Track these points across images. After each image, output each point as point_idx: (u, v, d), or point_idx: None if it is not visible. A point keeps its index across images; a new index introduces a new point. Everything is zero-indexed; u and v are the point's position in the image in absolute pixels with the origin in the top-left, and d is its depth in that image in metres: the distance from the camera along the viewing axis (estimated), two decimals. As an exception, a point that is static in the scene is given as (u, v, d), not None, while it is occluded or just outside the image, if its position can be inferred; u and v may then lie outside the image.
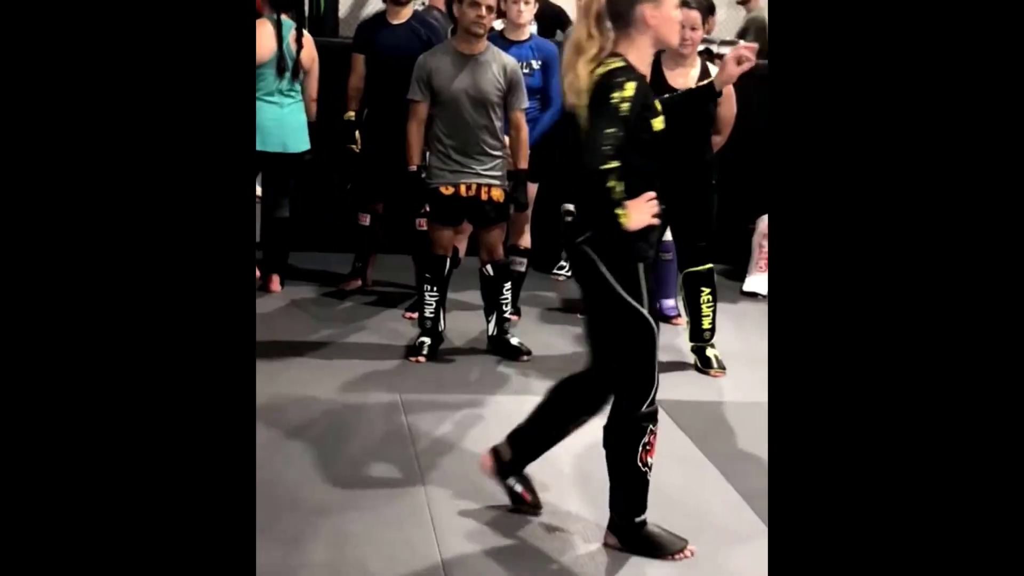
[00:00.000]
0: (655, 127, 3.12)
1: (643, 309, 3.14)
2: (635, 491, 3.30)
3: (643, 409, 3.20)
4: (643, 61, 3.13)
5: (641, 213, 3.07)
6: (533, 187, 5.55)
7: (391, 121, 5.22)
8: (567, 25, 7.18)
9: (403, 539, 3.34)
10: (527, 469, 3.53)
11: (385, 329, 5.47)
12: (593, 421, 3.36)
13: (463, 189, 4.91)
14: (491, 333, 5.19)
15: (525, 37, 5.51)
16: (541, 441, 3.48)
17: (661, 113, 3.15)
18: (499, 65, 4.89)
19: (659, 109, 3.15)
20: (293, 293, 5.96)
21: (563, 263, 6.61)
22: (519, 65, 5.04)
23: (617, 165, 2.97)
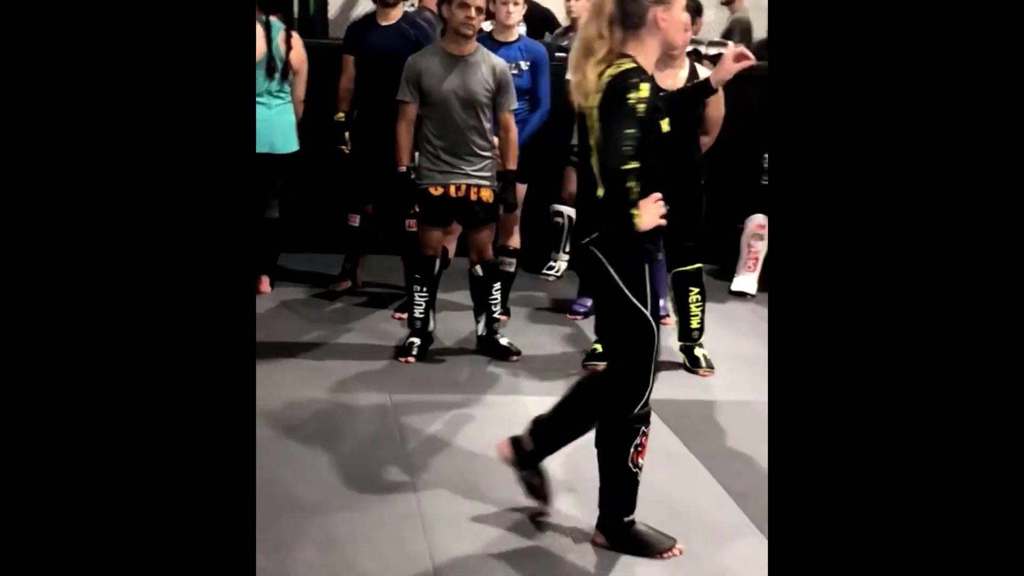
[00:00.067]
0: (663, 128, 3.14)
1: (646, 311, 3.15)
2: (625, 491, 3.31)
3: (636, 410, 3.22)
4: (650, 62, 3.15)
5: (651, 214, 3.09)
6: (522, 188, 5.57)
7: (381, 122, 5.23)
8: (555, 27, 7.20)
9: (394, 539, 3.35)
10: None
11: (375, 330, 5.48)
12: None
13: (452, 190, 4.92)
14: (481, 333, 5.21)
15: (514, 38, 5.53)
16: (562, 435, 3.47)
17: (667, 114, 3.17)
18: (488, 66, 4.90)
19: (665, 110, 3.17)
20: (283, 294, 5.96)
21: (552, 263, 6.63)
22: (508, 66, 5.05)
23: (637, 166, 2.99)
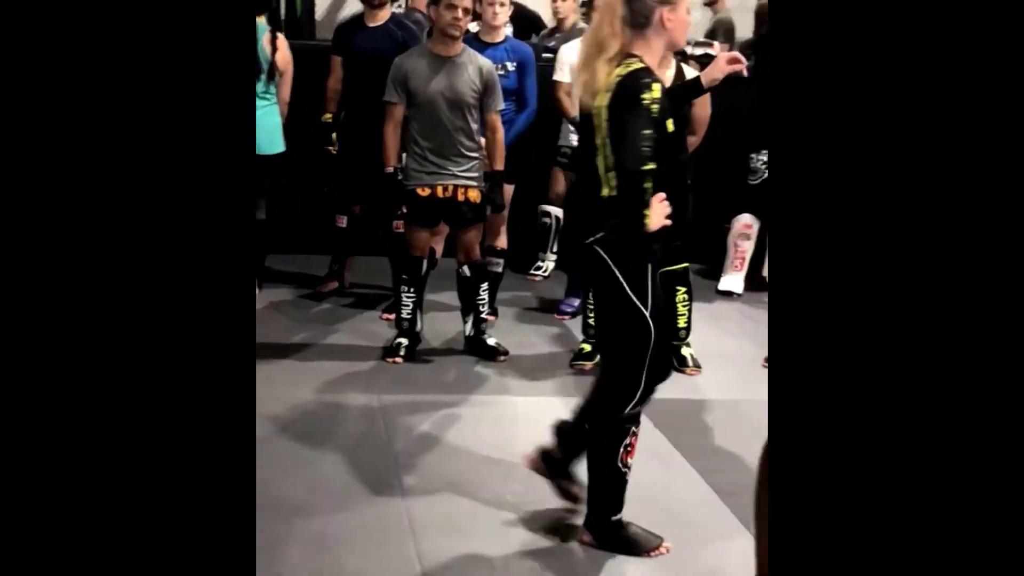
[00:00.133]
0: (669, 127, 3.14)
1: (646, 312, 3.16)
2: (613, 490, 3.32)
3: (627, 410, 3.23)
4: (655, 62, 3.16)
5: (659, 213, 3.11)
6: (509, 188, 5.57)
7: (368, 123, 5.23)
8: (542, 28, 7.21)
9: (381, 539, 3.36)
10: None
11: (362, 330, 5.48)
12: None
13: (440, 190, 4.93)
14: (468, 334, 5.21)
15: (500, 39, 5.54)
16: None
17: (671, 114, 3.18)
18: (475, 67, 4.91)
19: (670, 110, 3.18)
20: (270, 295, 5.96)
21: (540, 263, 6.64)
22: (494, 67, 5.06)
23: (654, 166, 3.01)
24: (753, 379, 4.93)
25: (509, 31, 5.97)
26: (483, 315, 5.20)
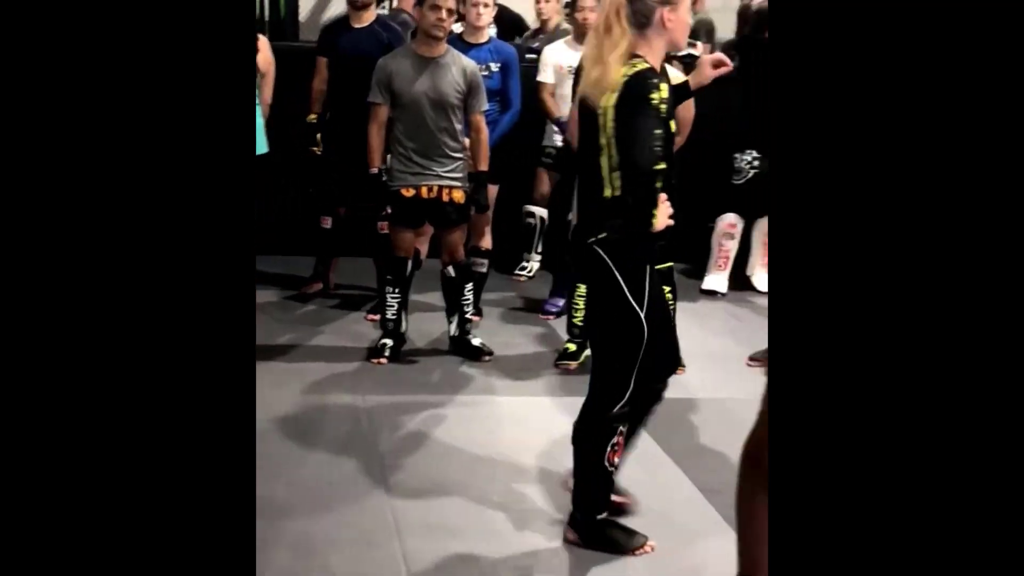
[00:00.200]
0: (672, 128, 3.15)
1: (641, 313, 3.17)
2: (599, 489, 3.33)
3: (616, 410, 3.24)
4: (657, 63, 3.17)
5: (663, 214, 3.12)
6: (493, 189, 5.58)
7: (352, 124, 5.24)
8: (525, 30, 7.21)
9: (367, 541, 3.36)
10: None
11: (347, 331, 5.48)
12: (574, 417, 3.37)
13: (424, 191, 4.94)
14: (453, 334, 5.22)
15: (484, 40, 5.55)
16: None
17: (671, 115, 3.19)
18: (459, 68, 4.91)
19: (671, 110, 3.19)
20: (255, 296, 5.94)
21: (524, 264, 6.65)
22: (478, 68, 5.07)
23: (665, 166, 3.02)
24: (738, 377, 4.95)
25: (493, 32, 5.97)
26: (468, 315, 5.20)
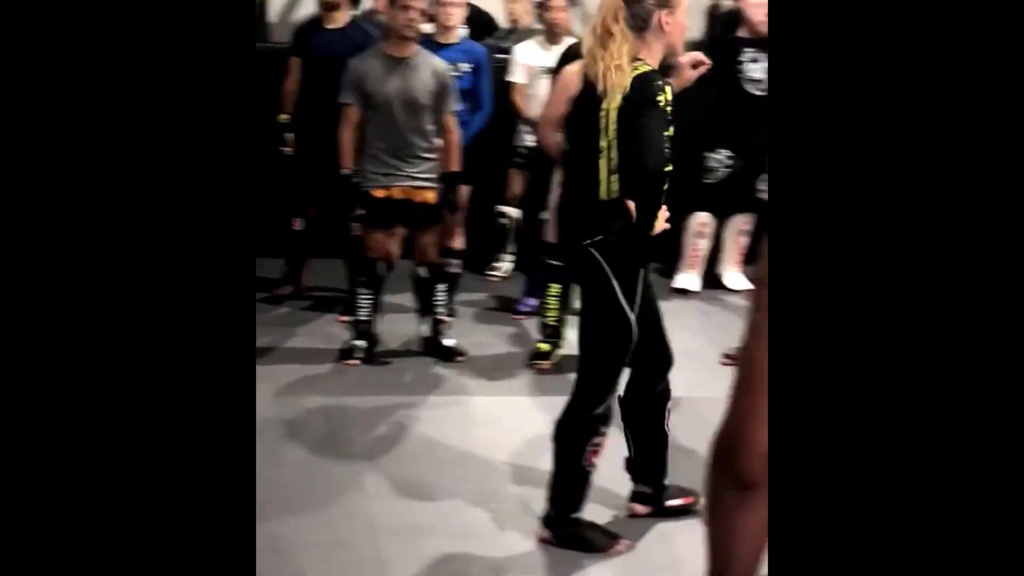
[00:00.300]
0: (671, 130, 3.17)
1: (632, 316, 3.18)
2: (576, 488, 3.34)
3: (598, 410, 3.25)
4: (656, 66, 3.18)
5: (662, 216, 3.15)
6: (465, 189, 5.58)
7: (324, 125, 5.22)
8: (496, 30, 7.21)
9: (342, 543, 3.35)
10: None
11: (320, 333, 5.47)
12: (547, 417, 3.38)
13: (396, 192, 4.93)
14: (426, 335, 5.21)
15: (455, 40, 5.55)
16: (655, 454, 3.54)
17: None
18: (429, 68, 4.91)
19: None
20: (226, 299, 5.91)
21: (496, 264, 6.65)
22: (449, 68, 5.07)
23: (671, 168, 3.03)
24: (712, 376, 4.95)
25: (464, 32, 5.97)
26: (440, 316, 5.20)
